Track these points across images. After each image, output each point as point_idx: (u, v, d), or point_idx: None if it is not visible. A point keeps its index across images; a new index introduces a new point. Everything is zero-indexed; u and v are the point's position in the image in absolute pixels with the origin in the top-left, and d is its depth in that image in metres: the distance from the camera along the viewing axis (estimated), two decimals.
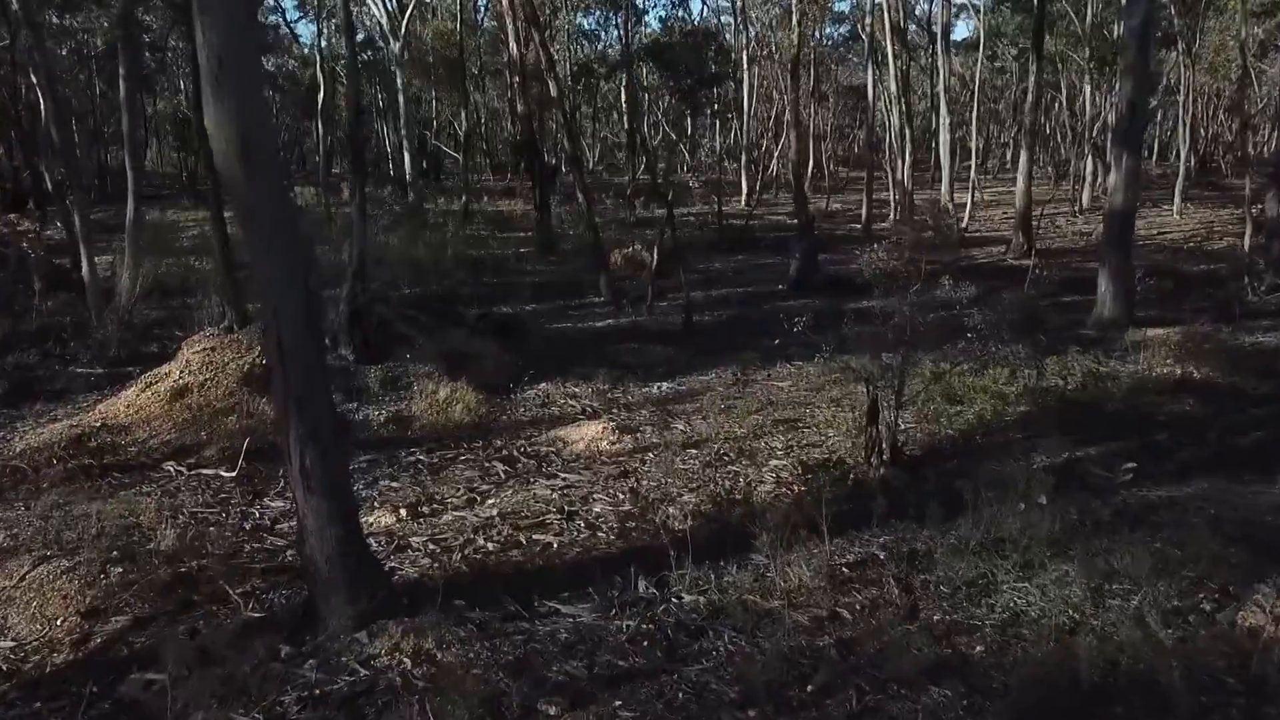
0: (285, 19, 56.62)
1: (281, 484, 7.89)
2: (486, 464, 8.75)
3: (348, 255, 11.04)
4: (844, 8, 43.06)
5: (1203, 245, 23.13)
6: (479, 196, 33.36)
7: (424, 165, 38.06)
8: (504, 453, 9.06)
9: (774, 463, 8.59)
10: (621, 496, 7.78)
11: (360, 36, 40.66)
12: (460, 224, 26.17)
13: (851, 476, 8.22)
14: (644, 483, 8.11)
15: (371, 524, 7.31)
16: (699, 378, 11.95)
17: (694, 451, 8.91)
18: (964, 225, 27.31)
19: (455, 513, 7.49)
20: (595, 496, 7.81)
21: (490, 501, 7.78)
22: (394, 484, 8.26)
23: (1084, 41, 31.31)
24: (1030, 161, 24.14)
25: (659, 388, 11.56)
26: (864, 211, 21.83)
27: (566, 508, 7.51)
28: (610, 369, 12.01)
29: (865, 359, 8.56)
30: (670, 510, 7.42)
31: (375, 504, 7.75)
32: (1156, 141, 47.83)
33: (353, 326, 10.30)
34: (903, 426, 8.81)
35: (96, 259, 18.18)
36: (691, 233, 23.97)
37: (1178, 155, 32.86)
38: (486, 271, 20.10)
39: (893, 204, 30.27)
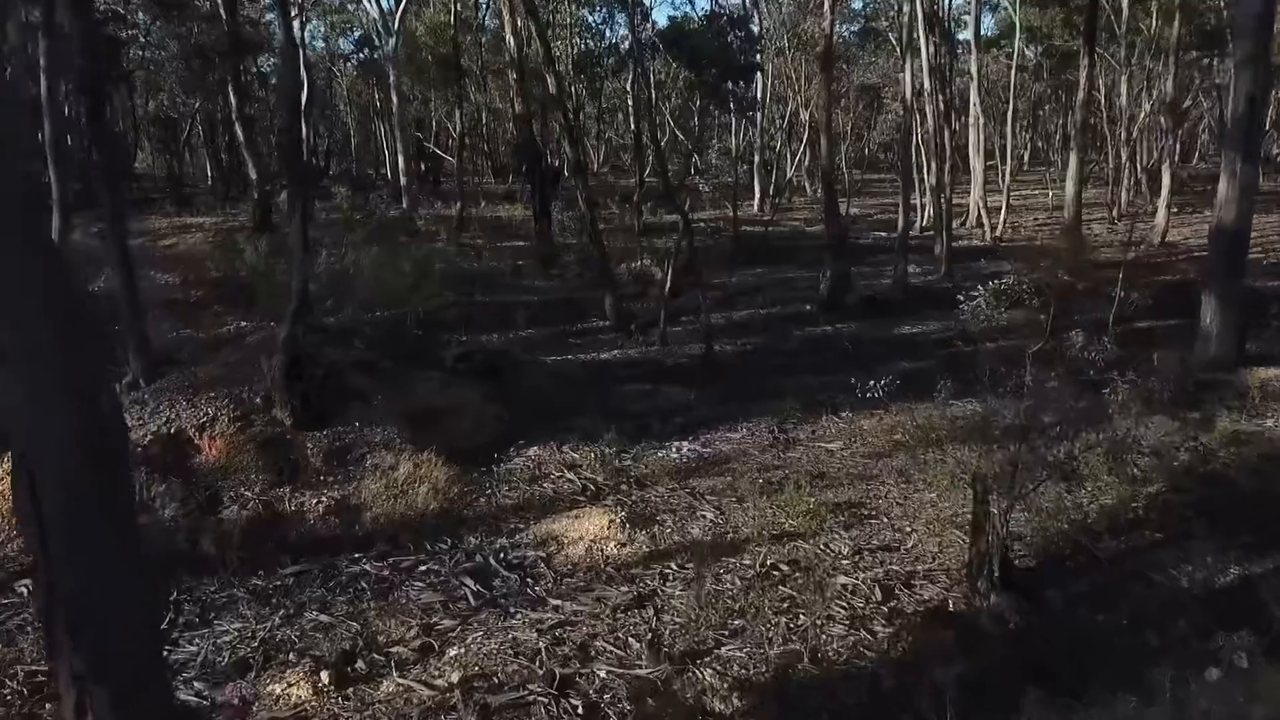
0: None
1: None
2: (453, 580, 6.49)
3: (294, 284, 8.73)
4: (857, 5, 40.45)
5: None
6: (477, 201, 31.09)
7: (422, 168, 35.84)
8: (478, 559, 6.80)
9: (842, 580, 6.35)
10: (636, 646, 5.52)
11: (357, 34, 38.50)
12: (453, 232, 23.92)
13: (952, 606, 6.01)
14: (667, 619, 5.86)
15: (278, 699, 5.09)
16: (727, 435, 9.70)
17: (731, 560, 6.66)
18: (998, 233, 25.15)
19: (399, 678, 5.24)
20: (598, 645, 5.56)
21: (452, 652, 5.54)
22: (323, 617, 6.00)
23: (1119, 38, 28.95)
24: (1081, 164, 21.79)
25: (679, 449, 9.29)
26: (900, 219, 19.48)
27: (557, 670, 5.26)
28: (618, 422, 9.76)
29: (974, 449, 6.30)
30: (708, 678, 5.17)
31: (291, 655, 5.52)
32: (1180, 144, 45.46)
33: (290, 381, 8.02)
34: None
35: None
36: (704, 242, 21.65)
37: None
38: (478, 289, 17.82)
39: (919, 209, 27.98)
